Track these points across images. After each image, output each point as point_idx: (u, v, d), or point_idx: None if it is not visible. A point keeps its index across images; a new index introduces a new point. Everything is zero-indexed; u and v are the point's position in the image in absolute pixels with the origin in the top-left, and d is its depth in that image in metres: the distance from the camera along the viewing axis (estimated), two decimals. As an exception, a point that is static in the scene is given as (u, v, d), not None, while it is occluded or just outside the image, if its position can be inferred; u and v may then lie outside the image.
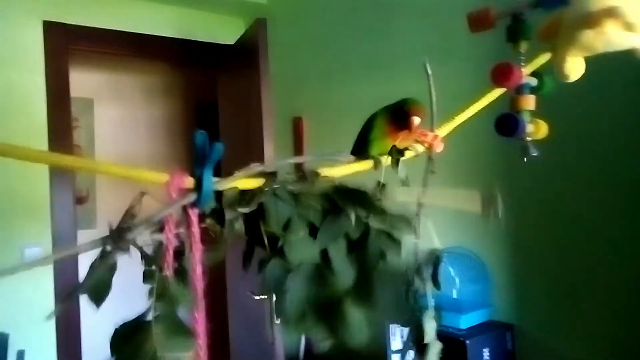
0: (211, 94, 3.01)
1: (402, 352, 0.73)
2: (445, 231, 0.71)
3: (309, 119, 2.63)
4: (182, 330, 0.45)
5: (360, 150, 0.70)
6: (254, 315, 2.29)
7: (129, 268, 0.62)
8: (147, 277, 0.49)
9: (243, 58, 2.47)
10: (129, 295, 1.50)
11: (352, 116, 0.79)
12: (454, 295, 1.79)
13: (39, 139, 2.41)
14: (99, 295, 0.50)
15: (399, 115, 0.71)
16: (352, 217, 0.55)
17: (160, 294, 0.46)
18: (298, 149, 2.61)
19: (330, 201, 0.55)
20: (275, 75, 2.44)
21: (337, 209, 0.55)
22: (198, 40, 2.84)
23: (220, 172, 0.52)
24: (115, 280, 0.49)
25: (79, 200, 3.63)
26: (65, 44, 2.48)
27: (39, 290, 2.32)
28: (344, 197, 0.55)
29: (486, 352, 1.69)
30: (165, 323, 0.45)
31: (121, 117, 3.84)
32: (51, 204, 2.41)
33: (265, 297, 2.22)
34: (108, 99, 3.80)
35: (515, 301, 1.82)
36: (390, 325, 1.92)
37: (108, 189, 3.64)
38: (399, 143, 0.68)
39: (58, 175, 2.42)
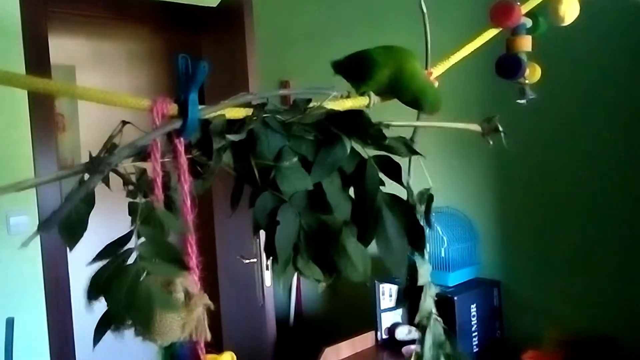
0: (196, 59, 2.94)
1: (397, 298, 0.72)
2: (434, 192, 0.70)
3: (296, 82, 2.59)
4: (171, 253, 0.44)
5: (354, 81, 0.66)
6: (244, 279, 2.29)
7: (118, 226, 0.58)
8: (131, 205, 0.47)
9: (227, 20, 2.41)
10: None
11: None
12: (442, 254, 1.81)
13: (19, 108, 2.35)
14: (72, 232, 0.47)
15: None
16: (347, 145, 0.53)
17: (146, 219, 0.44)
18: (285, 113, 2.58)
19: (324, 130, 0.54)
20: (260, 37, 2.38)
21: (330, 138, 0.54)
22: (180, 2, 2.76)
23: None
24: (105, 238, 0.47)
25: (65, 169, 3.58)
26: (44, 8, 2.39)
27: (27, 257, 2.29)
28: (338, 122, 0.53)
29: (473, 308, 1.72)
30: (152, 246, 0.43)
31: (104, 84, 3.75)
32: (35, 171, 2.36)
33: (255, 260, 2.23)
34: (90, 65, 3.70)
35: (502, 259, 1.84)
36: (380, 285, 1.94)
37: (93, 158, 3.58)
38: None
39: (41, 142, 2.37)
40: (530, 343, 1.65)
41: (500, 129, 0.64)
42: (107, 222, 1.92)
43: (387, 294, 1.96)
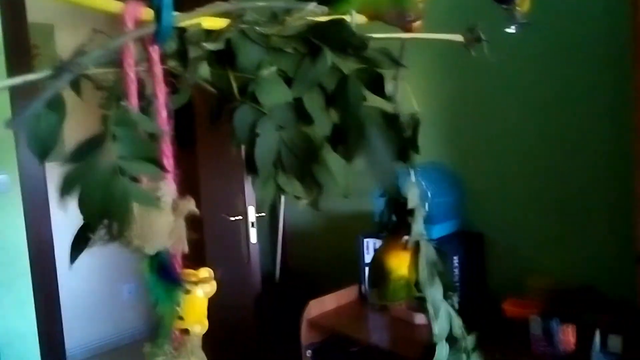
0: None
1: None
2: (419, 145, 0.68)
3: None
4: (147, 151, 0.43)
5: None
6: (229, 237, 2.30)
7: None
8: (104, 115, 0.46)
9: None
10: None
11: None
12: (426, 208, 1.82)
13: (-3, 67, 2.29)
14: (43, 143, 0.46)
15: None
16: (328, 57, 0.52)
17: (119, 122, 0.43)
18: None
19: (304, 43, 0.52)
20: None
21: (311, 51, 0.52)
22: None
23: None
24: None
25: (45, 133, 3.51)
26: (19, -38, 2.30)
27: (9, 218, 2.27)
28: (319, 33, 0.52)
29: (456, 260, 1.74)
30: (127, 144, 0.42)
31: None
32: (15, 132, 2.32)
33: (241, 218, 2.23)
34: (69, 25, 3.60)
35: (485, 212, 1.87)
36: (365, 240, 1.96)
37: (77, 121, 3.51)
38: None
39: (17, 73, 2.32)
40: (511, 293, 1.68)
41: (483, 38, 0.63)
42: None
43: (372, 248, 1.98)
